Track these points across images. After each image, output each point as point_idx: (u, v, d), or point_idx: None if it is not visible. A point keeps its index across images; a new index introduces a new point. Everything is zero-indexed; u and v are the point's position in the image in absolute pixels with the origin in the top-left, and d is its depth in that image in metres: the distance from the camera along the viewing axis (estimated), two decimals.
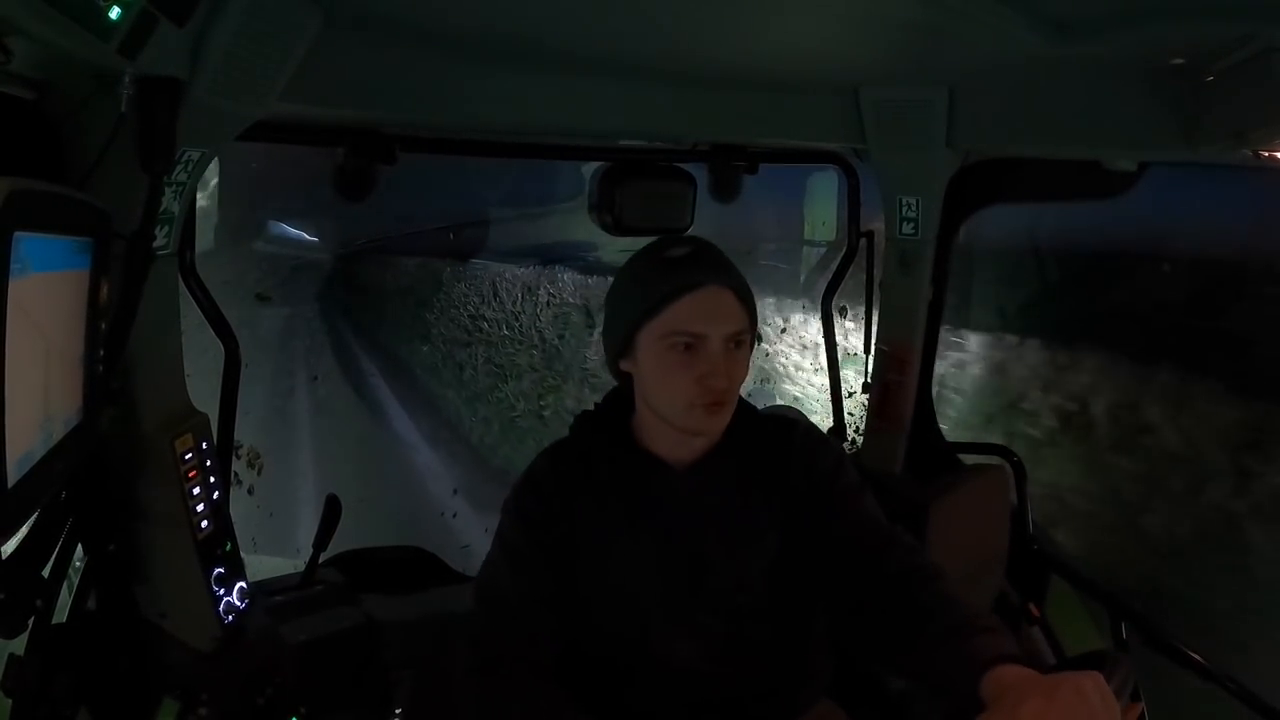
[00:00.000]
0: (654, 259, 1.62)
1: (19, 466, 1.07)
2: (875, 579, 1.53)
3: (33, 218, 1.06)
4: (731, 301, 1.58)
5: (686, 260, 1.59)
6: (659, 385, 1.60)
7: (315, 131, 2.23)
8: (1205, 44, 1.74)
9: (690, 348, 1.55)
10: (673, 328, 1.56)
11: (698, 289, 1.56)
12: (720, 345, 1.55)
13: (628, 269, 1.67)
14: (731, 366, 1.57)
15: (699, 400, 1.55)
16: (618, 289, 1.68)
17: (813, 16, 1.70)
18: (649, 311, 1.57)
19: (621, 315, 1.64)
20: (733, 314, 1.58)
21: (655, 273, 1.60)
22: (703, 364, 1.55)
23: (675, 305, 1.55)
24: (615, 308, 1.67)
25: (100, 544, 1.70)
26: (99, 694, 1.66)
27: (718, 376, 1.55)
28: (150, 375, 1.68)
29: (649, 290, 1.58)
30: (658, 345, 1.57)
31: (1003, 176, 2.77)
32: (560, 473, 1.69)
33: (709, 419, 1.59)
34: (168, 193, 1.56)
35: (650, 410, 1.66)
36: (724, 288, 1.58)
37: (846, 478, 1.68)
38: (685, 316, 1.55)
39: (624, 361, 1.66)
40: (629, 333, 1.61)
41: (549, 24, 1.78)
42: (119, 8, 1.13)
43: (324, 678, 2.09)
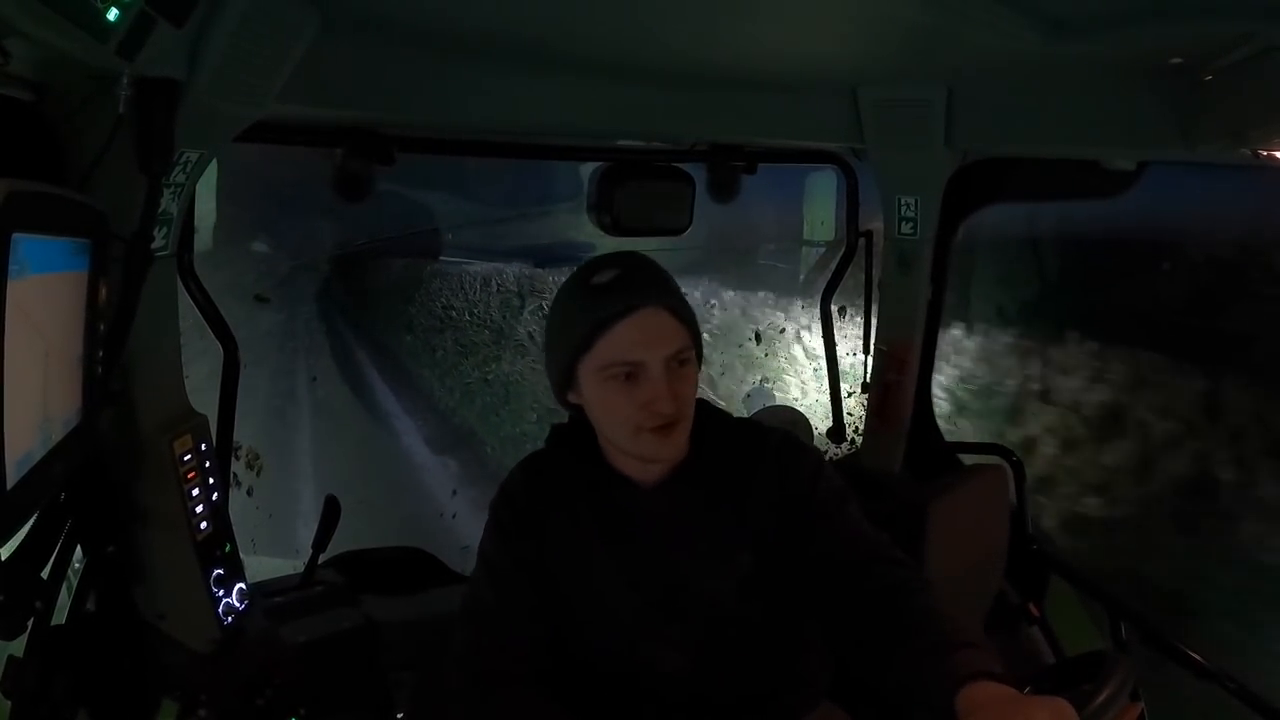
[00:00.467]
0: (580, 288, 1.58)
1: (18, 468, 1.06)
2: (857, 594, 1.50)
3: (31, 219, 1.06)
4: (667, 321, 1.54)
5: (613, 286, 1.54)
6: (605, 417, 1.58)
7: (313, 132, 2.23)
8: (1204, 43, 1.74)
9: (630, 376, 1.52)
10: (608, 359, 1.52)
11: (629, 315, 1.52)
12: (660, 368, 1.52)
13: (557, 300, 1.64)
14: (677, 386, 1.54)
15: (646, 424, 1.53)
16: (551, 323, 1.65)
17: (811, 16, 1.70)
18: (582, 345, 1.54)
19: (557, 351, 1.61)
20: (670, 334, 1.54)
21: (583, 303, 1.55)
22: (645, 390, 1.52)
23: (607, 335, 1.52)
24: (551, 343, 1.64)
25: (99, 545, 1.70)
26: (98, 695, 1.66)
27: (662, 401, 1.51)
28: (149, 376, 1.68)
29: (579, 321, 1.54)
30: (596, 378, 1.54)
31: (1001, 176, 2.78)
32: (533, 486, 1.68)
33: (661, 444, 1.56)
34: (166, 194, 1.56)
35: (606, 439, 1.64)
36: (658, 308, 1.54)
37: (826, 488, 1.65)
38: (619, 346, 1.52)
39: (570, 394, 1.64)
40: (568, 368, 1.59)
41: (547, 25, 1.78)
42: (117, 9, 1.13)
43: (323, 679, 2.09)
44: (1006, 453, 3.03)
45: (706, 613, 1.61)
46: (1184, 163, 2.36)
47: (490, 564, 1.65)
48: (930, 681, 1.30)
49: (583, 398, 1.61)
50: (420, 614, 2.37)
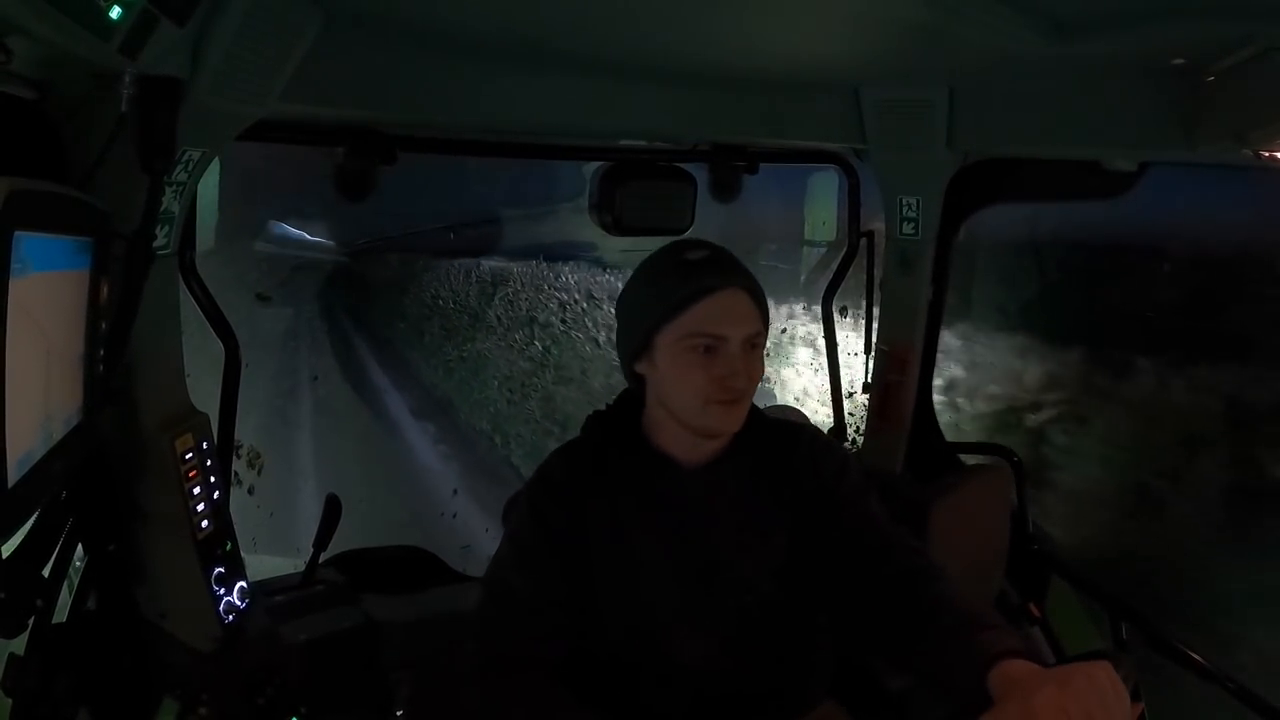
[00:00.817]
0: (672, 261, 1.63)
1: (19, 466, 1.07)
2: (878, 579, 1.54)
3: (33, 217, 1.06)
4: (748, 303, 1.60)
5: (705, 263, 1.60)
6: (677, 386, 1.61)
7: (316, 131, 2.23)
8: (1205, 44, 1.74)
9: (710, 349, 1.56)
10: (693, 329, 1.56)
11: (717, 291, 1.57)
12: (739, 346, 1.57)
13: (643, 272, 1.67)
14: (749, 366, 1.59)
15: (716, 397, 1.57)
16: (634, 291, 1.68)
17: (813, 17, 1.70)
18: (669, 313, 1.58)
19: (639, 317, 1.64)
20: (750, 316, 1.60)
21: (674, 275, 1.60)
22: (722, 365, 1.56)
23: (696, 308, 1.56)
24: (632, 310, 1.67)
25: (100, 544, 1.70)
26: (99, 694, 1.66)
27: (738, 376, 1.57)
28: (150, 375, 1.68)
29: (668, 292, 1.59)
30: (677, 347, 1.58)
31: (1003, 176, 2.77)
32: (572, 471, 1.69)
33: (725, 417, 1.60)
34: (168, 192, 1.56)
35: (665, 411, 1.66)
36: (741, 290, 1.60)
37: (852, 480, 1.70)
38: (706, 319, 1.56)
39: (639, 364, 1.66)
40: (647, 335, 1.61)
41: (549, 24, 1.78)
42: (119, 7, 1.13)
43: (324, 677, 2.09)
44: (1007, 453, 3.03)
45: (740, 598, 1.64)
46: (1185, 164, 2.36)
47: (520, 546, 1.66)
48: (960, 662, 1.32)
49: (655, 366, 1.64)
50: (421, 613, 2.37)
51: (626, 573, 1.64)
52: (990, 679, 1.25)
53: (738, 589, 1.64)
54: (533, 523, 1.65)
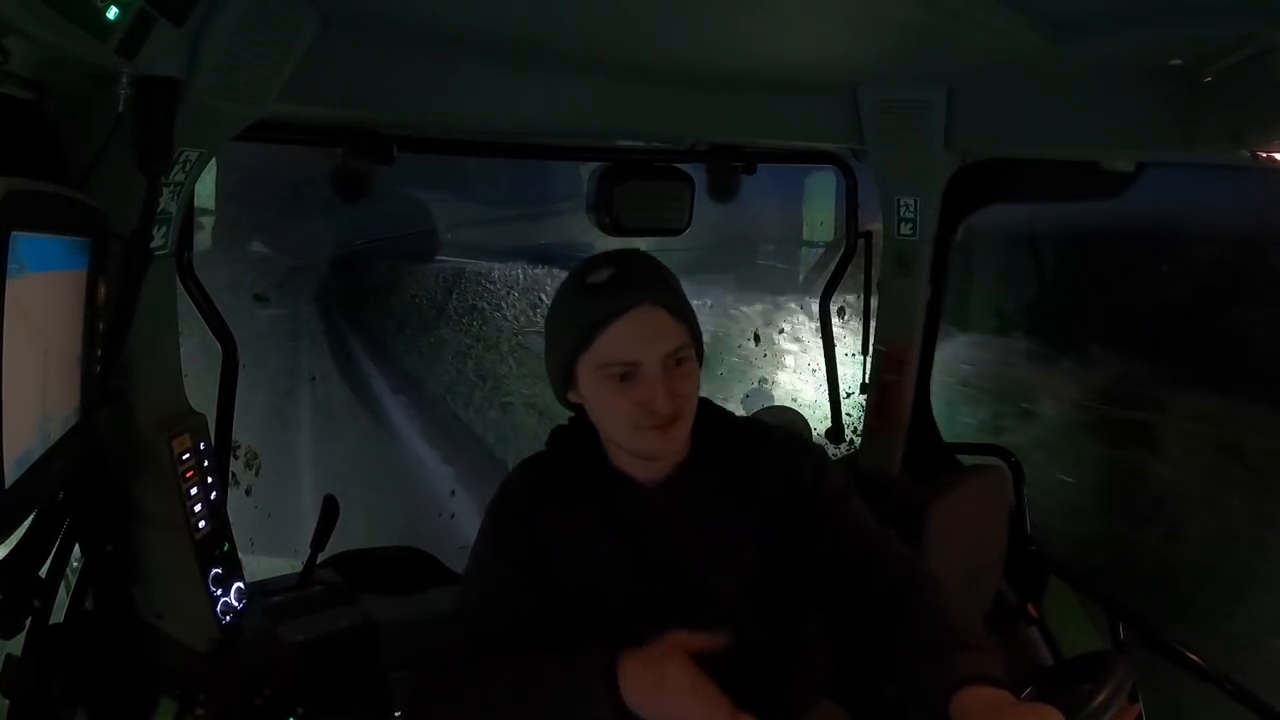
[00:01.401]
0: (575, 287, 1.57)
1: (16, 466, 1.07)
2: (864, 591, 1.51)
3: (30, 218, 1.06)
4: (664, 319, 1.53)
5: (607, 285, 1.53)
6: (603, 415, 1.58)
7: (313, 132, 2.23)
8: (1203, 44, 1.74)
9: (627, 376, 1.51)
10: (604, 359, 1.52)
11: (624, 314, 1.51)
12: (657, 367, 1.51)
13: (556, 299, 1.63)
14: (676, 384, 1.53)
15: (644, 423, 1.52)
16: (551, 322, 1.64)
17: (811, 17, 1.70)
18: (579, 345, 1.53)
19: (556, 349, 1.61)
20: (667, 332, 1.53)
21: (579, 302, 1.54)
22: (642, 389, 1.51)
23: (603, 335, 1.51)
24: (550, 342, 1.64)
25: (98, 544, 1.70)
26: (96, 694, 1.66)
27: (659, 400, 1.50)
28: (148, 376, 1.68)
29: (575, 323, 1.54)
30: (595, 376, 1.54)
31: (1001, 177, 2.78)
32: (534, 486, 1.68)
33: (659, 441, 1.55)
34: (165, 193, 1.56)
35: (607, 438, 1.64)
36: (654, 306, 1.53)
37: (830, 485, 1.66)
38: (614, 345, 1.51)
39: (570, 393, 1.63)
40: (567, 366, 1.58)
41: (547, 24, 1.78)
42: (117, 8, 1.13)
43: (322, 678, 2.08)
44: (1005, 453, 3.03)
45: (711, 611, 1.60)
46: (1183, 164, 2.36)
47: (478, 558, 1.66)
48: (927, 683, 1.30)
49: (582, 396, 1.60)
50: (419, 613, 2.37)
51: (592, 588, 1.62)
52: (952, 704, 1.24)
53: (706, 602, 1.61)
54: (490, 538, 1.66)
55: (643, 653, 1.38)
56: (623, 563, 1.62)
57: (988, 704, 1.21)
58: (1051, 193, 3.02)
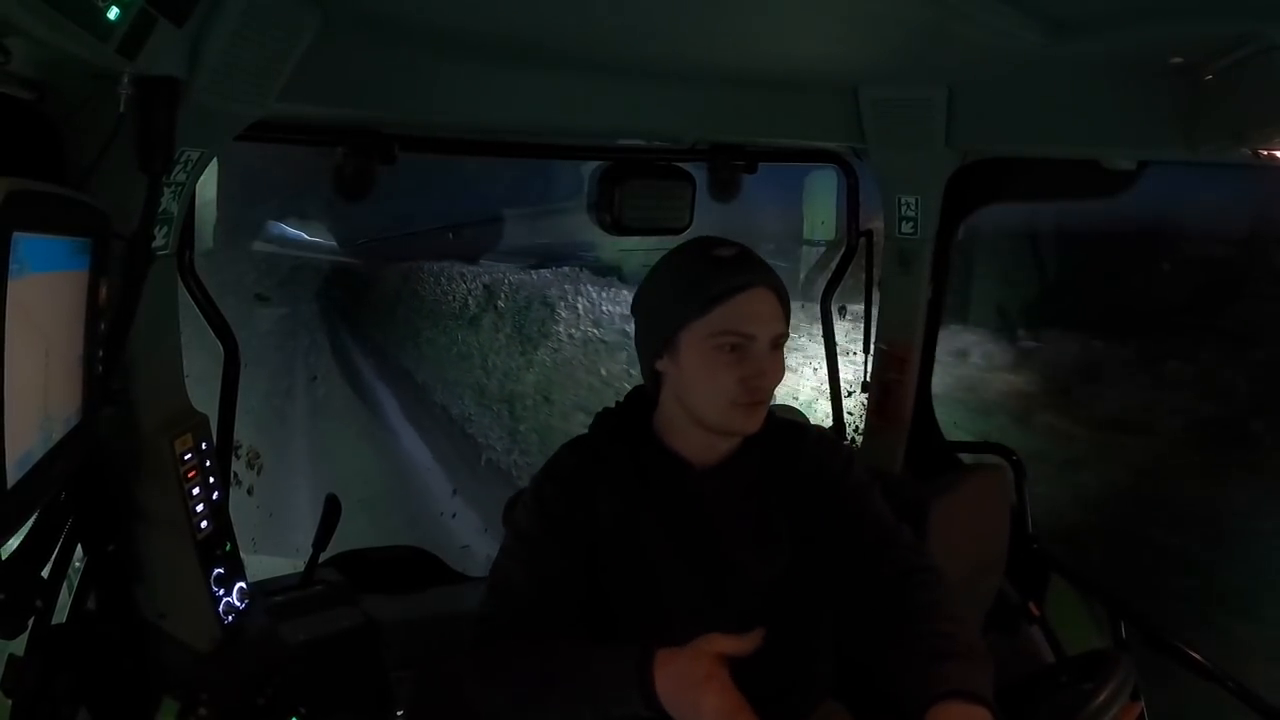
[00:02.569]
0: (701, 258, 1.60)
1: (19, 467, 1.07)
2: (871, 577, 1.56)
3: (32, 218, 1.06)
4: (775, 303, 1.59)
5: (736, 260, 1.59)
6: (702, 384, 1.60)
7: (314, 131, 2.23)
8: (1204, 43, 1.73)
9: (737, 348, 1.55)
10: (723, 327, 1.55)
11: (748, 290, 1.56)
12: (766, 346, 1.56)
13: (669, 267, 1.65)
14: (774, 367, 1.58)
15: (741, 399, 1.56)
16: (658, 287, 1.66)
17: (812, 15, 1.70)
18: (698, 310, 1.56)
19: (665, 313, 1.62)
20: (777, 316, 1.59)
21: (704, 272, 1.58)
22: (749, 364, 1.55)
23: (726, 305, 1.55)
24: (656, 306, 1.65)
25: (100, 544, 1.70)
26: (99, 694, 1.66)
27: (764, 377, 1.56)
28: (149, 376, 1.68)
29: (697, 289, 1.57)
30: (705, 345, 1.57)
31: (1002, 175, 2.77)
32: (581, 465, 1.69)
33: (748, 418, 1.59)
34: (167, 193, 1.56)
35: (683, 409, 1.65)
36: (769, 290, 1.59)
37: (854, 477, 1.70)
38: (736, 317, 1.55)
39: (661, 361, 1.65)
40: (673, 331, 1.60)
41: (548, 23, 1.78)
42: (117, 8, 1.13)
43: (324, 678, 2.08)
44: (1007, 452, 3.03)
45: (747, 600, 1.64)
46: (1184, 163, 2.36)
47: (524, 537, 1.65)
48: (912, 689, 1.34)
49: (678, 364, 1.62)
50: (421, 613, 2.37)
51: (637, 570, 1.64)
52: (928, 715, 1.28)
53: (745, 591, 1.64)
54: (535, 512, 1.65)
55: (680, 651, 1.39)
56: (669, 542, 1.64)
57: None
58: (1052, 191, 3.02)
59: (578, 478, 1.67)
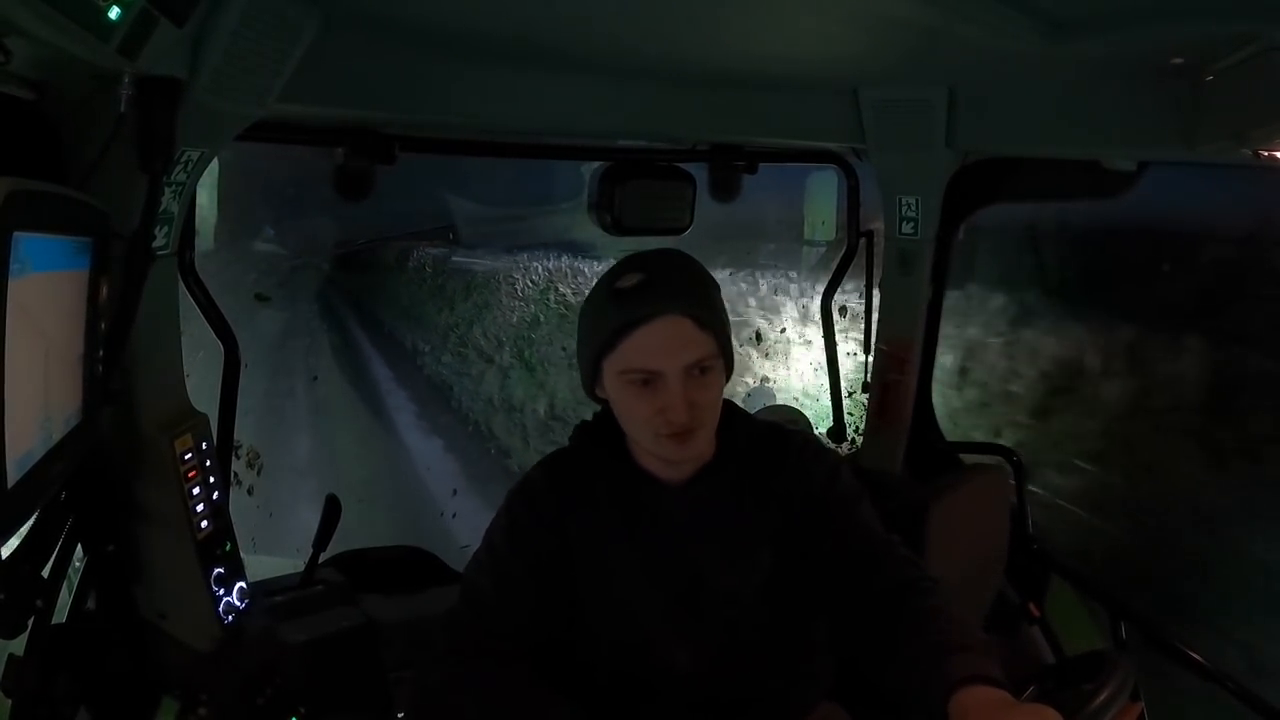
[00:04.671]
0: (605, 291, 1.58)
1: (19, 466, 1.07)
2: (866, 592, 1.53)
3: (32, 218, 1.06)
4: (689, 330, 1.52)
5: (635, 292, 1.53)
6: (625, 417, 1.60)
7: (314, 131, 2.23)
8: (1205, 44, 1.74)
9: (648, 382, 1.52)
10: (626, 365, 1.53)
11: (649, 322, 1.51)
12: (678, 377, 1.51)
13: (588, 299, 1.64)
14: (696, 394, 1.52)
15: (662, 431, 1.53)
16: (581, 320, 1.65)
17: (812, 16, 1.70)
18: (605, 347, 1.54)
19: (585, 347, 1.62)
20: (690, 342, 1.52)
21: (606, 306, 1.56)
22: (661, 397, 1.52)
23: (627, 341, 1.52)
24: (580, 339, 1.65)
25: (100, 544, 1.70)
26: (98, 694, 1.66)
27: (675, 410, 1.51)
28: (150, 375, 1.68)
29: (603, 324, 1.55)
30: (618, 380, 1.55)
31: (1002, 176, 2.77)
32: (555, 483, 1.69)
33: (678, 448, 1.56)
34: (167, 193, 1.56)
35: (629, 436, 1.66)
36: (679, 316, 1.52)
37: (841, 487, 1.67)
38: (636, 353, 1.52)
39: (597, 388, 1.65)
40: (593, 365, 1.60)
41: (548, 24, 1.78)
42: (118, 8, 1.13)
43: (323, 678, 2.08)
44: (1007, 452, 3.03)
45: (724, 611, 1.63)
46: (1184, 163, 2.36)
47: (493, 549, 1.67)
48: (926, 683, 1.31)
49: (606, 394, 1.62)
50: (420, 613, 2.37)
51: (609, 586, 1.64)
52: (950, 704, 1.25)
53: (721, 603, 1.63)
54: (506, 530, 1.67)
55: None
56: (641, 558, 1.64)
57: (986, 703, 1.22)
58: (1053, 192, 3.02)
59: (549, 496, 1.67)
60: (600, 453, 1.70)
